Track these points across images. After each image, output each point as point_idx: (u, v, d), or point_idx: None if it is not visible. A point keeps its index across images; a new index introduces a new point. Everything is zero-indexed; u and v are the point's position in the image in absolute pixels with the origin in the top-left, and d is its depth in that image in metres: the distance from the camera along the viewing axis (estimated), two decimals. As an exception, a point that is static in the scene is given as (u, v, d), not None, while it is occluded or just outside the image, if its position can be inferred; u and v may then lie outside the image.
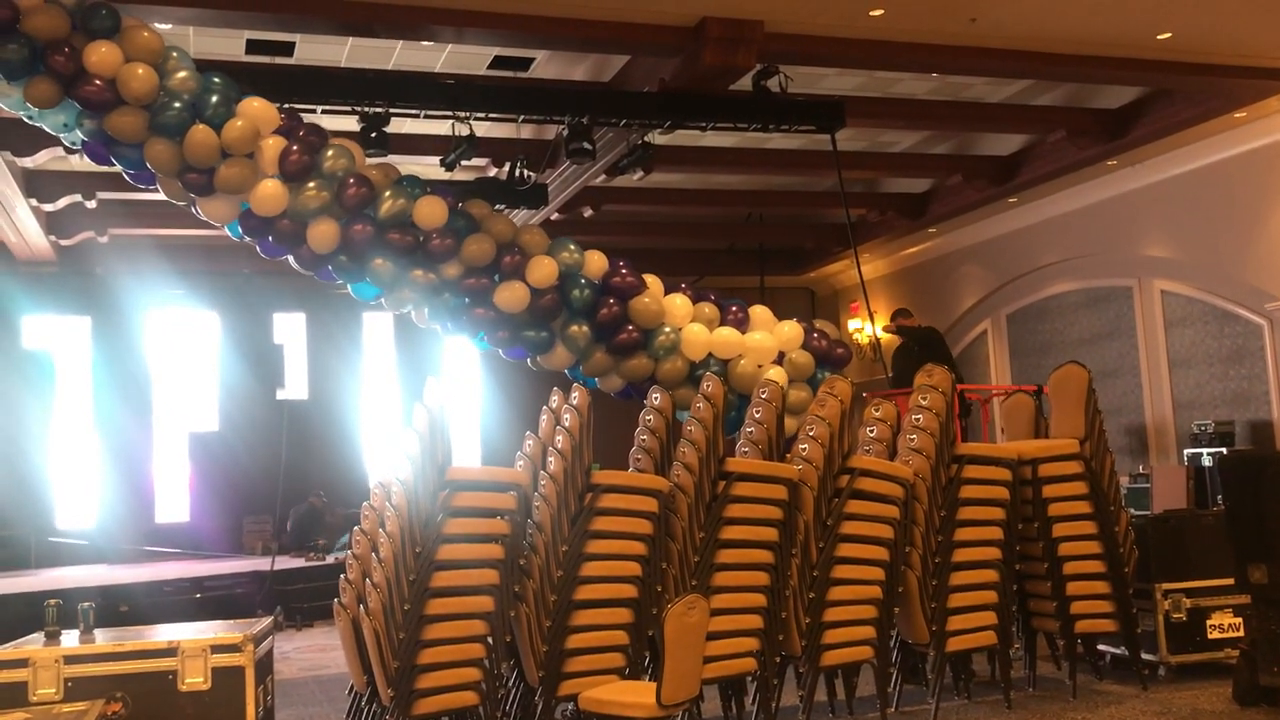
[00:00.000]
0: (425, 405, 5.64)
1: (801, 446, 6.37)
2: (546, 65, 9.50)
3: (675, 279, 7.99)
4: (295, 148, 6.71)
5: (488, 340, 7.47)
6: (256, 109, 6.68)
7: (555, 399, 6.26)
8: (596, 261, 7.51)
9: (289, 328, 14.87)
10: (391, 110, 8.45)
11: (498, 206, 9.07)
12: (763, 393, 6.48)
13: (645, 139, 9.84)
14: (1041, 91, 10.85)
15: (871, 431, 6.82)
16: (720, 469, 6.07)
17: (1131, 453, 12.62)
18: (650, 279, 7.65)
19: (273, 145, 6.71)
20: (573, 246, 7.46)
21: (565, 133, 9.13)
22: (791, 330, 7.86)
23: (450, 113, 8.75)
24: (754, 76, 9.04)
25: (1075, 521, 6.83)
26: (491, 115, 8.90)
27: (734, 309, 7.86)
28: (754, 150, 11.93)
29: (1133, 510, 7.66)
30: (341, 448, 14.76)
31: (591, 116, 9.06)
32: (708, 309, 7.75)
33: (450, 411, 5.86)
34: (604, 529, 5.80)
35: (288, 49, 8.91)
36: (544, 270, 7.25)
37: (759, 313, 7.93)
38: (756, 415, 6.45)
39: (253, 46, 8.76)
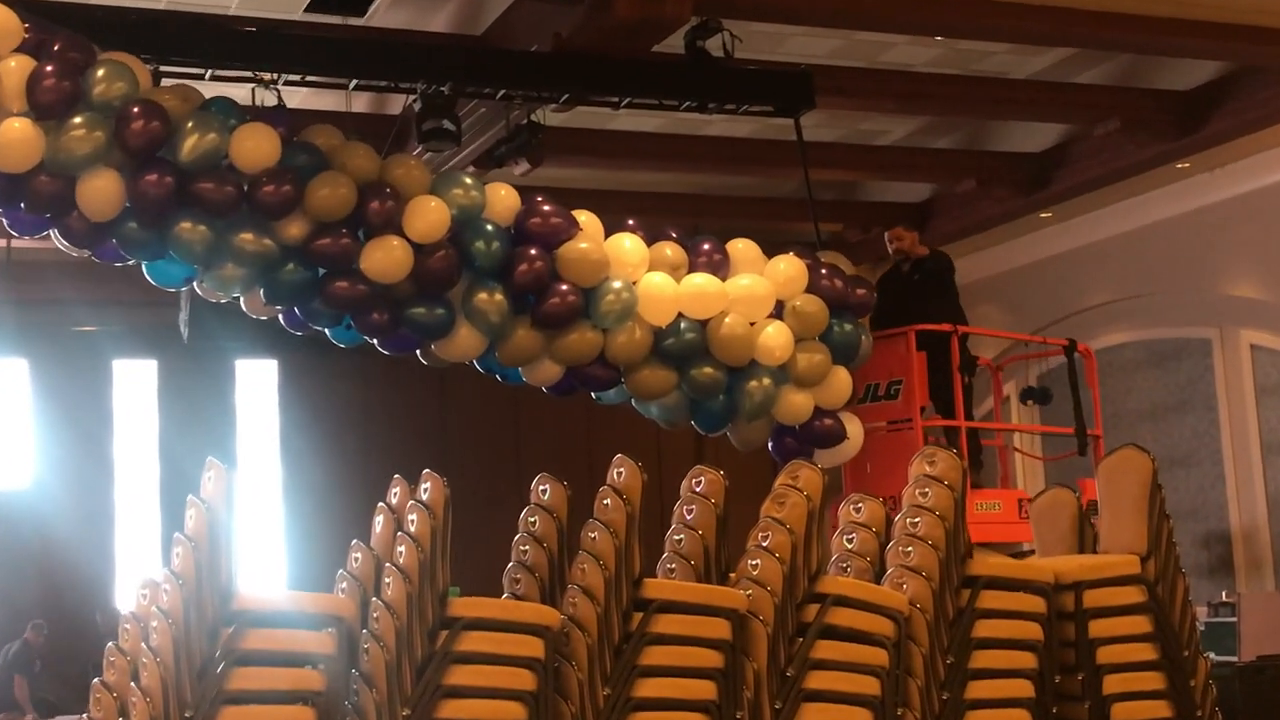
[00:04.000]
0: (201, 500, 5.53)
1: (752, 563, 6.35)
2: (391, 11, 9.51)
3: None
4: (50, 69, 6.66)
5: (358, 327, 7.38)
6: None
7: (396, 491, 6.17)
8: (505, 199, 7.50)
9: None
10: (163, 68, 8.34)
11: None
12: (697, 483, 6.46)
13: (532, 118, 9.86)
14: (1086, 65, 11.13)
15: (850, 541, 6.83)
16: (636, 595, 6.03)
17: (1211, 573, 12.84)
18: (586, 215, 7.62)
19: (16, 69, 6.64)
20: (469, 180, 7.46)
21: (417, 106, 9.11)
22: (791, 268, 7.86)
23: (250, 72, 8.68)
24: (688, 35, 9.13)
25: (1134, 672, 6.89)
26: (310, 78, 8.85)
27: (707, 248, 7.87)
28: (687, 138, 12.05)
29: (1213, 655, 7.79)
30: (77, 559, 14.37)
31: (455, 84, 9.05)
32: (670, 251, 7.78)
33: (241, 508, 5.74)
34: (465, 684, 5.72)
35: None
36: (430, 216, 7.21)
37: (742, 250, 7.93)
38: (689, 517, 6.43)
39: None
